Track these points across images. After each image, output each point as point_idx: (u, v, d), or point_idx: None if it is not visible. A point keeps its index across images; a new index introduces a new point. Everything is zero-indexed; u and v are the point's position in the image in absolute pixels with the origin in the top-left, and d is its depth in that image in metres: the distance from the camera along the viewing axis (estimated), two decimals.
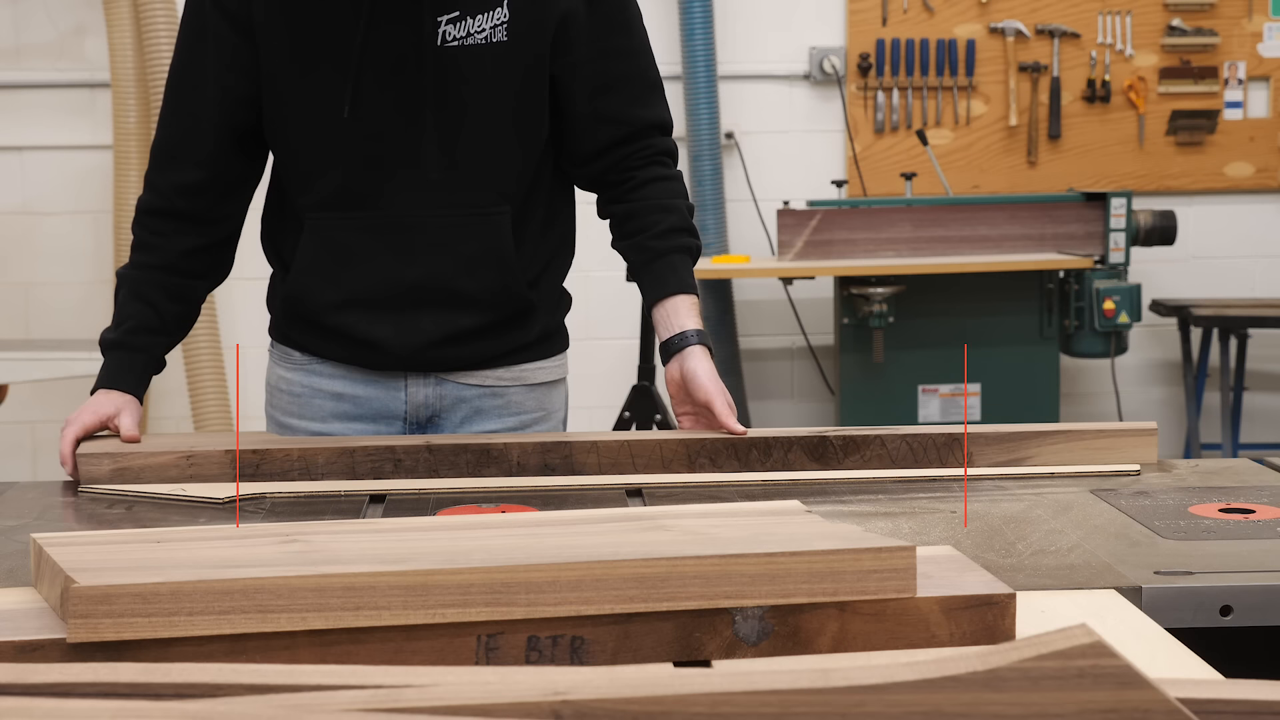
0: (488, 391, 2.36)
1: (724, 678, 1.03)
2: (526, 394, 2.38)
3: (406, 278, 2.28)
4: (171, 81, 2.30)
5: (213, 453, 2.14)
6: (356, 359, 2.34)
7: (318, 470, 2.14)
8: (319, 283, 2.30)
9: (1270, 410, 6.26)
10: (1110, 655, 1.04)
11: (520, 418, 2.37)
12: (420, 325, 2.29)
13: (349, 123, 2.22)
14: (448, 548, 1.41)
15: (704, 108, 5.84)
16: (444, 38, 2.20)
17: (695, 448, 2.18)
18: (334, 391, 2.36)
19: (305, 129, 2.26)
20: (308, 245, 2.29)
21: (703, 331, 2.31)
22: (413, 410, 2.35)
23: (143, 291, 2.30)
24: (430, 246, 2.27)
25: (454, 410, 2.35)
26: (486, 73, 2.23)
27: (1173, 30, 6.08)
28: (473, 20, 2.21)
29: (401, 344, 2.30)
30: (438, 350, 2.31)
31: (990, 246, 5.54)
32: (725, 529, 1.47)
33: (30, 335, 5.77)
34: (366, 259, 2.28)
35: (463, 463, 2.16)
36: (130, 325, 2.29)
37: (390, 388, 2.35)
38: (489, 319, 2.31)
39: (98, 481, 2.14)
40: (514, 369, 2.36)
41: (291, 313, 2.35)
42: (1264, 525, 1.87)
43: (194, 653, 1.26)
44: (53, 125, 5.77)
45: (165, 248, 2.31)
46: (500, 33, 2.21)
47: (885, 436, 2.18)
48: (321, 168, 2.26)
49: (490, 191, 2.27)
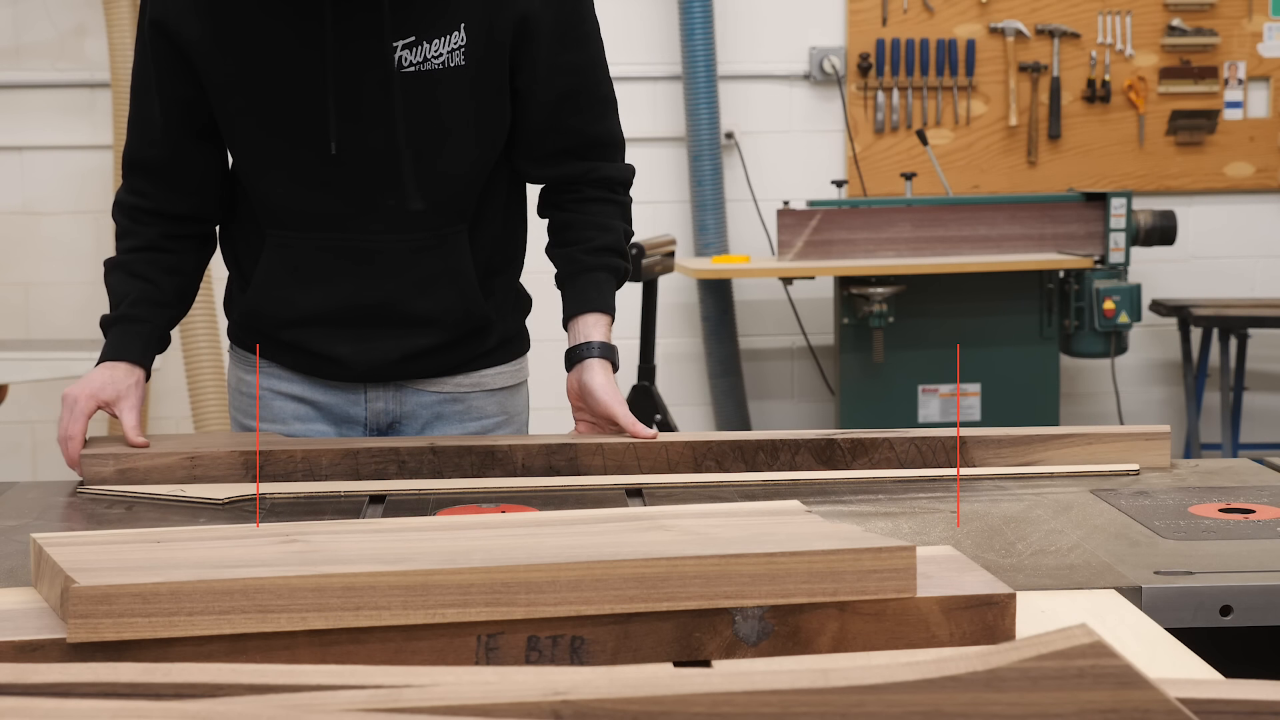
0: (448, 398, 2.37)
1: (724, 678, 1.03)
2: (487, 399, 2.39)
3: (365, 300, 2.28)
4: (132, 87, 2.31)
5: (217, 453, 2.14)
6: (315, 370, 2.35)
7: (321, 471, 2.14)
8: (278, 300, 2.30)
9: (1270, 410, 6.26)
10: (1110, 655, 1.04)
11: (482, 422, 2.38)
12: (378, 345, 2.30)
13: (311, 152, 2.20)
14: (448, 548, 1.41)
15: (704, 108, 5.84)
16: (400, 63, 2.18)
17: (701, 450, 2.18)
18: (294, 394, 2.37)
19: (265, 156, 2.25)
20: (268, 262, 2.29)
21: (608, 345, 2.31)
22: (373, 417, 2.36)
23: (137, 269, 2.31)
24: (388, 269, 2.27)
25: (414, 416, 2.36)
26: (445, 98, 2.20)
27: (1173, 30, 6.08)
28: (429, 45, 2.18)
29: (359, 361, 2.31)
30: (395, 367, 2.33)
31: (990, 246, 5.54)
32: (725, 529, 1.47)
33: (30, 335, 5.77)
34: (326, 280, 2.27)
35: (467, 464, 2.16)
36: (132, 298, 2.29)
37: (350, 396, 2.36)
38: (447, 338, 2.32)
39: (102, 482, 2.14)
40: (474, 375, 2.38)
41: (249, 326, 2.36)
42: (1264, 525, 1.87)
43: (194, 653, 1.26)
44: (53, 125, 5.77)
45: (149, 232, 2.32)
46: (458, 57, 2.19)
47: (894, 439, 2.18)
48: (281, 192, 2.26)
49: (448, 213, 2.27)
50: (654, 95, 5.95)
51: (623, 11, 5.89)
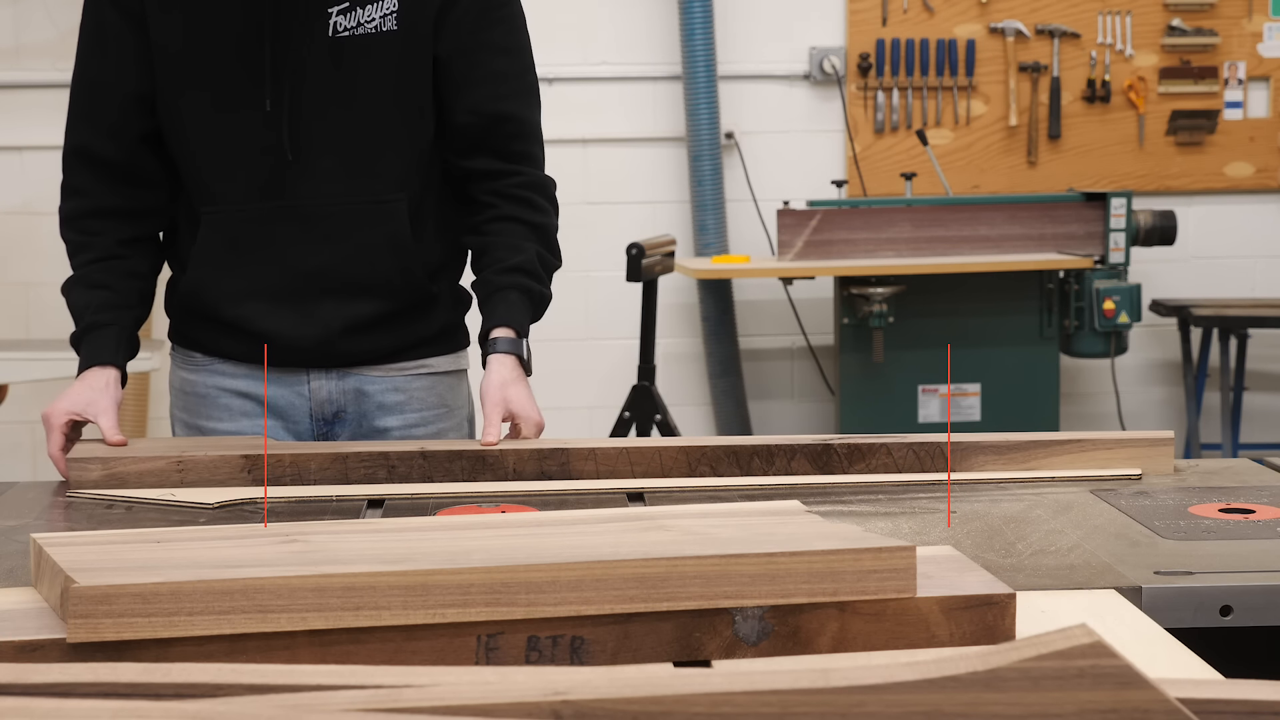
0: (390, 385, 2.38)
1: (724, 678, 1.03)
2: (428, 390, 2.41)
3: (305, 267, 2.30)
4: (74, 87, 2.33)
5: (204, 458, 2.14)
6: (257, 355, 2.35)
7: (310, 476, 2.14)
8: (217, 276, 2.32)
9: (1270, 410, 6.26)
10: (1110, 655, 1.04)
11: (422, 413, 2.40)
12: (320, 315, 2.32)
13: (250, 115, 2.25)
14: (448, 548, 1.41)
15: (704, 108, 5.84)
16: (335, 28, 2.24)
17: (695, 455, 2.17)
18: (238, 390, 2.38)
19: (204, 123, 2.28)
20: (206, 239, 2.31)
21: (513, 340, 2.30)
22: (317, 407, 2.37)
23: (94, 279, 2.32)
24: (328, 235, 2.30)
25: (357, 404, 2.37)
26: (377, 62, 2.26)
27: (1173, 30, 6.08)
28: (363, 10, 2.25)
29: (302, 335, 2.32)
30: (339, 341, 2.34)
31: (990, 246, 5.54)
32: (725, 529, 1.47)
33: (30, 335, 5.77)
34: (264, 249, 2.30)
35: (457, 469, 2.16)
36: (94, 307, 2.30)
37: (293, 385, 2.37)
38: (389, 307, 2.34)
39: (88, 486, 2.13)
40: (415, 362, 2.40)
41: (190, 309, 2.37)
42: (1264, 525, 1.87)
43: (194, 653, 1.26)
44: (53, 125, 5.73)
45: (98, 244, 2.33)
46: (390, 21, 2.26)
47: (891, 445, 2.18)
48: (219, 161, 2.29)
49: (385, 179, 2.30)
50: (654, 95, 5.94)
51: (623, 11, 5.90)
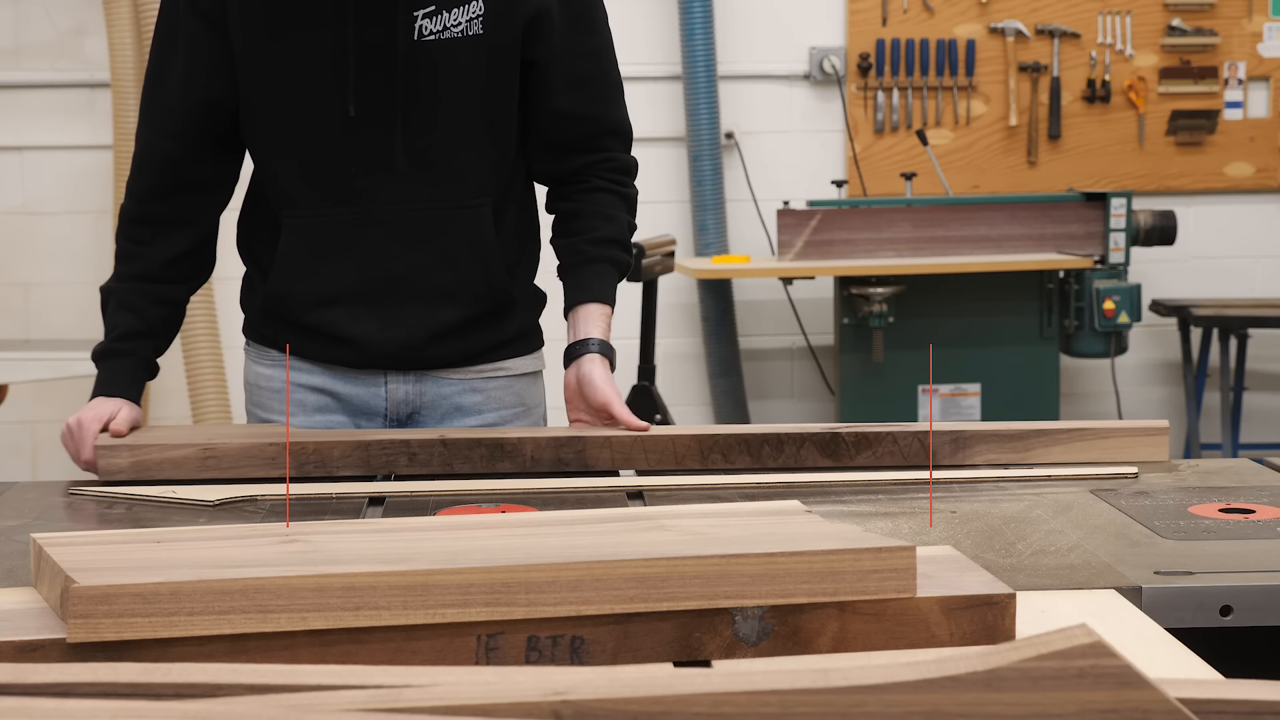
0: (467, 387, 2.38)
1: (724, 678, 1.03)
2: (505, 389, 2.40)
3: (387, 272, 2.29)
4: (146, 85, 2.33)
5: (230, 445, 2.15)
6: (337, 358, 2.35)
7: (333, 464, 2.16)
8: (299, 281, 2.31)
9: (1270, 410, 6.26)
10: (1110, 655, 1.04)
11: (500, 413, 2.39)
12: (402, 320, 2.31)
13: (334, 120, 2.24)
14: (448, 548, 1.41)
15: (704, 108, 5.84)
16: (420, 32, 2.23)
17: (708, 443, 2.19)
18: (314, 385, 2.37)
19: (286, 129, 2.27)
20: (287, 244, 2.30)
21: (606, 343, 2.34)
22: (393, 407, 2.37)
23: (126, 300, 2.33)
24: (411, 240, 2.29)
25: (434, 407, 2.37)
26: (463, 66, 2.25)
27: (1173, 30, 6.08)
28: (449, 14, 2.23)
29: (383, 339, 2.32)
30: (419, 349, 2.33)
31: (990, 246, 5.54)
32: (725, 529, 1.47)
33: (30, 335, 5.77)
34: (347, 254, 2.29)
35: (476, 457, 2.17)
36: (117, 333, 2.32)
37: (370, 385, 2.36)
38: (471, 313, 2.33)
39: (117, 474, 2.16)
40: (494, 364, 2.39)
41: (272, 313, 2.36)
42: (1264, 525, 1.87)
43: (194, 653, 1.26)
44: (52, 125, 5.77)
45: (147, 256, 2.33)
46: (476, 26, 2.24)
47: (898, 434, 2.19)
48: (302, 166, 2.28)
49: (469, 183, 2.29)
50: (654, 95, 5.94)
51: (623, 11, 5.88)
